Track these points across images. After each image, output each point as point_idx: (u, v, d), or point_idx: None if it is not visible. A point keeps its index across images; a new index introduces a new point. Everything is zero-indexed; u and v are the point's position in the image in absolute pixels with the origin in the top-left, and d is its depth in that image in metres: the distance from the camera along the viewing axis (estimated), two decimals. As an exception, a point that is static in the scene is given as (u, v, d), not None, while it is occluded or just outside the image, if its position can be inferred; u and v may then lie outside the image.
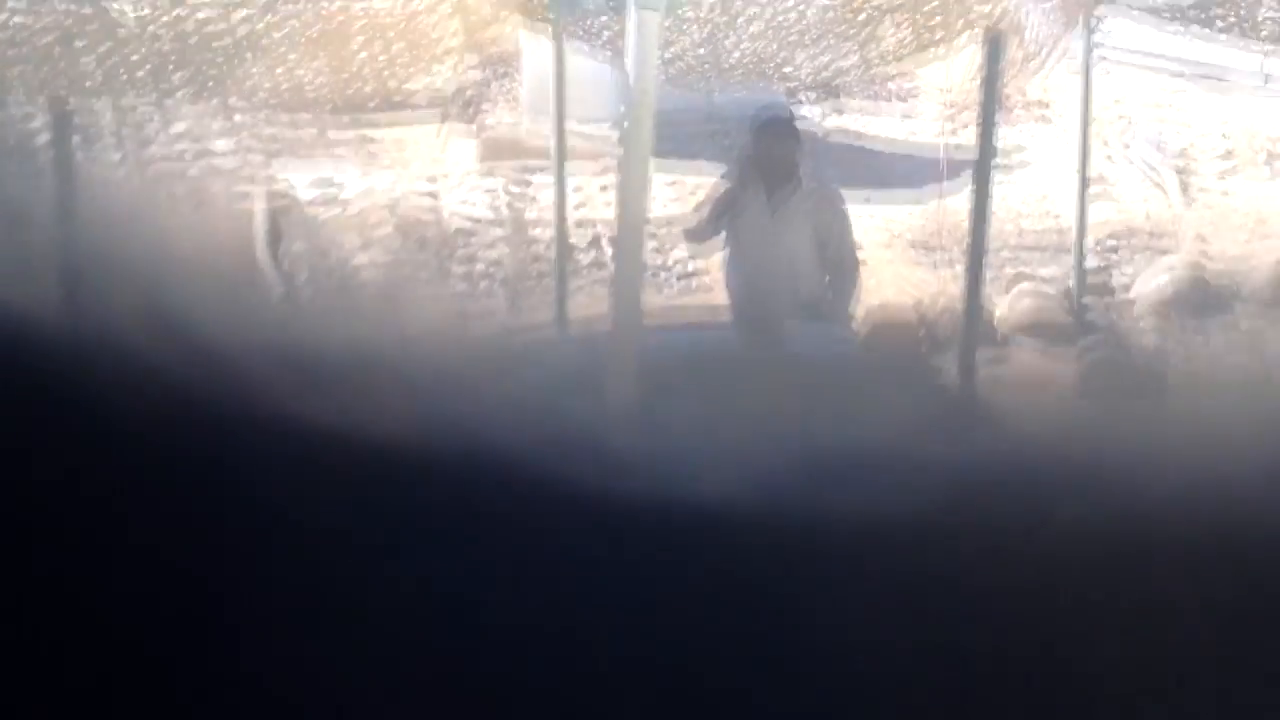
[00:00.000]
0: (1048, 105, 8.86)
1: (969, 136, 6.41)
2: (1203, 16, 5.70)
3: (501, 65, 8.80)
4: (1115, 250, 7.54)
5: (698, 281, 7.30)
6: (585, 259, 7.13)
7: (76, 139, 5.57)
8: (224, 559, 0.94)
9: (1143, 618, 0.94)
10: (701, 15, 5.09)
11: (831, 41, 5.25)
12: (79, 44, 3.85)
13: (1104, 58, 8.21)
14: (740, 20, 5.09)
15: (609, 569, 0.95)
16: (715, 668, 0.95)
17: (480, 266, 7.37)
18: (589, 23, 5.30)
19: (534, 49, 7.54)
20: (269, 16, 4.02)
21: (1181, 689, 0.94)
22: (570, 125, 6.66)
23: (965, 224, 6.06)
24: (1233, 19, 5.65)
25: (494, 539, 0.97)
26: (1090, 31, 6.64)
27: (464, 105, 8.38)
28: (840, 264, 5.63)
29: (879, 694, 0.94)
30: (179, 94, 4.23)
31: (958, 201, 6.87)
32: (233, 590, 0.93)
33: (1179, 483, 0.98)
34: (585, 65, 6.42)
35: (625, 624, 0.94)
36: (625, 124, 4.55)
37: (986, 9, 5.25)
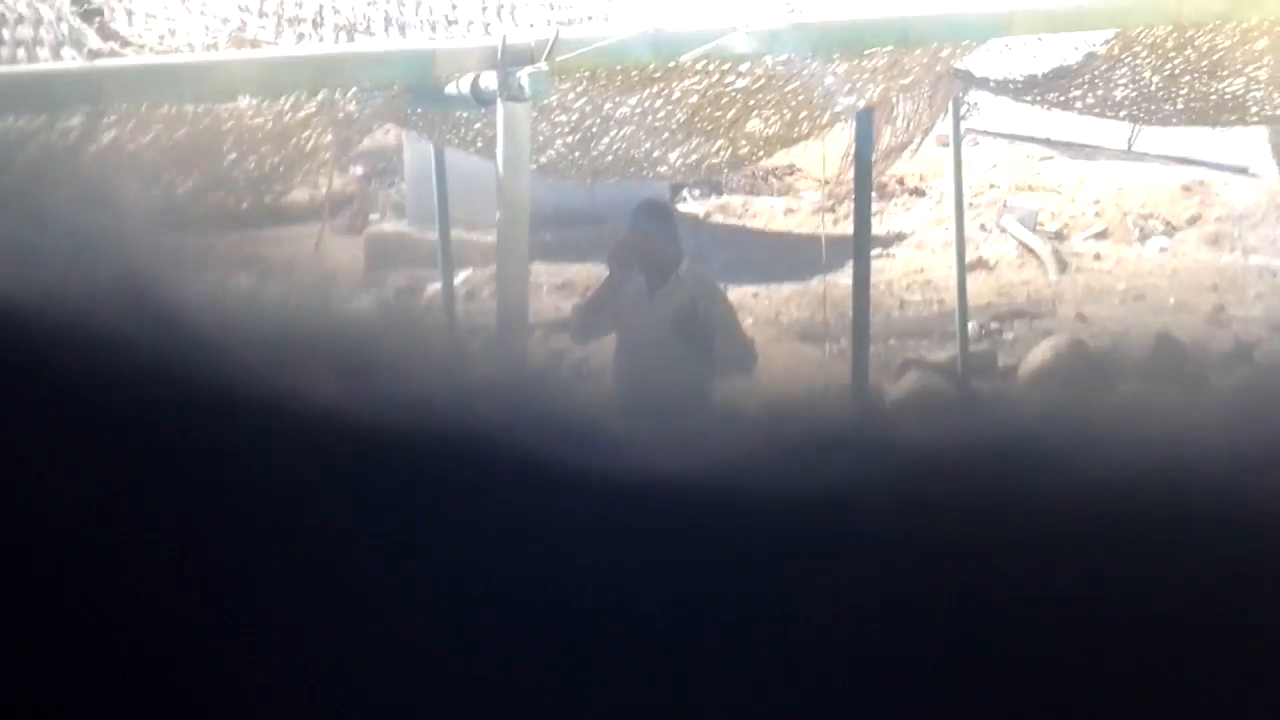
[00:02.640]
0: (924, 188, 9.09)
1: (850, 223, 6.56)
2: (1061, 99, 5.90)
3: (385, 171, 8.89)
4: (999, 325, 7.72)
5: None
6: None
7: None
8: (210, 543, 0.97)
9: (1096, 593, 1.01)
10: (571, 113, 5.19)
11: (700, 139, 5.38)
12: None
13: (975, 140, 8.44)
14: (611, 119, 5.21)
15: (594, 547, 1.00)
16: (701, 638, 1.00)
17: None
18: (462, 121, 5.39)
19: (415, 153, 7.65)
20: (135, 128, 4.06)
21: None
22: (456, 228, 6.74)
23: (848, 305, 6.20)
24: (1091, 98, 5.85)
25: (484, 520, 1.00)
26: (959, 116, 6.83)
27: (351, 212, 8.45)
28: (734, 353, 5.69)
29: (861, 663, 1.00)
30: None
31: (843, 284, 7.01)
32: (222, 571, 0.96)
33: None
34: (468, 167, 6.51)
35: (614, 600, 0.99)
36: (499, 218, 4.62)
37: (851, 100, 5.42)
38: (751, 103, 5.17)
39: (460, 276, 6.97)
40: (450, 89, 4.57)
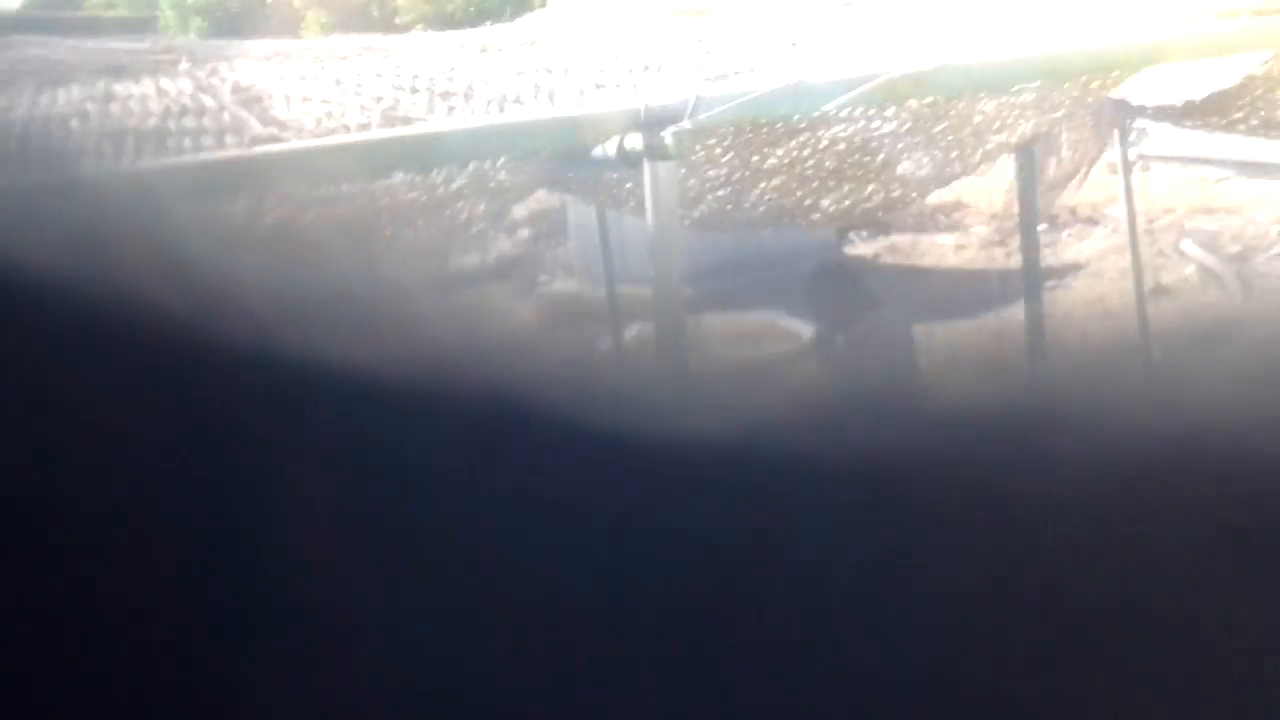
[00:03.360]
0: (1097, 216, 8.93)
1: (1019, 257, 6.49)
2: (1223, 122, 5.77)
3: (552, 232, 9.05)
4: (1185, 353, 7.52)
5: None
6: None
7: None
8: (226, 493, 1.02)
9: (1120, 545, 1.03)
10: (720, 168, 5.25)
11: (852, 184, 5.40)
12: None
13: (1147, 165, 8.27)
14: (760, 170, 5.26)
15: (623, 503, 1.03)
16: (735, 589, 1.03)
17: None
18: (614, 182, 5.48)
19: (579, 214, 7.79)
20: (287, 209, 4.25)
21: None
22: (624, 284, 6.85)
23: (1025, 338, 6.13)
24: (1255, 120, 5.71)
25: (509, 474, 1.04)
26: (1126, 142, 6.73)
27: (520, 274, 8.63)
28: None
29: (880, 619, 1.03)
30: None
31: (1019, 319, 6.91)
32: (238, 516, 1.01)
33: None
34: (633, 224, 6.61)
35: (641, 557, 1.02)
36: (654, 274, 4.68)
37: (1003, 137, 5.38)
38: (900, 146, 5.18)
39: (631, 331, 7.08)
40: (597, 152, 4.66)
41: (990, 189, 6.65)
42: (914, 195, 5.81)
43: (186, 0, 20.16)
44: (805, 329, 5.74)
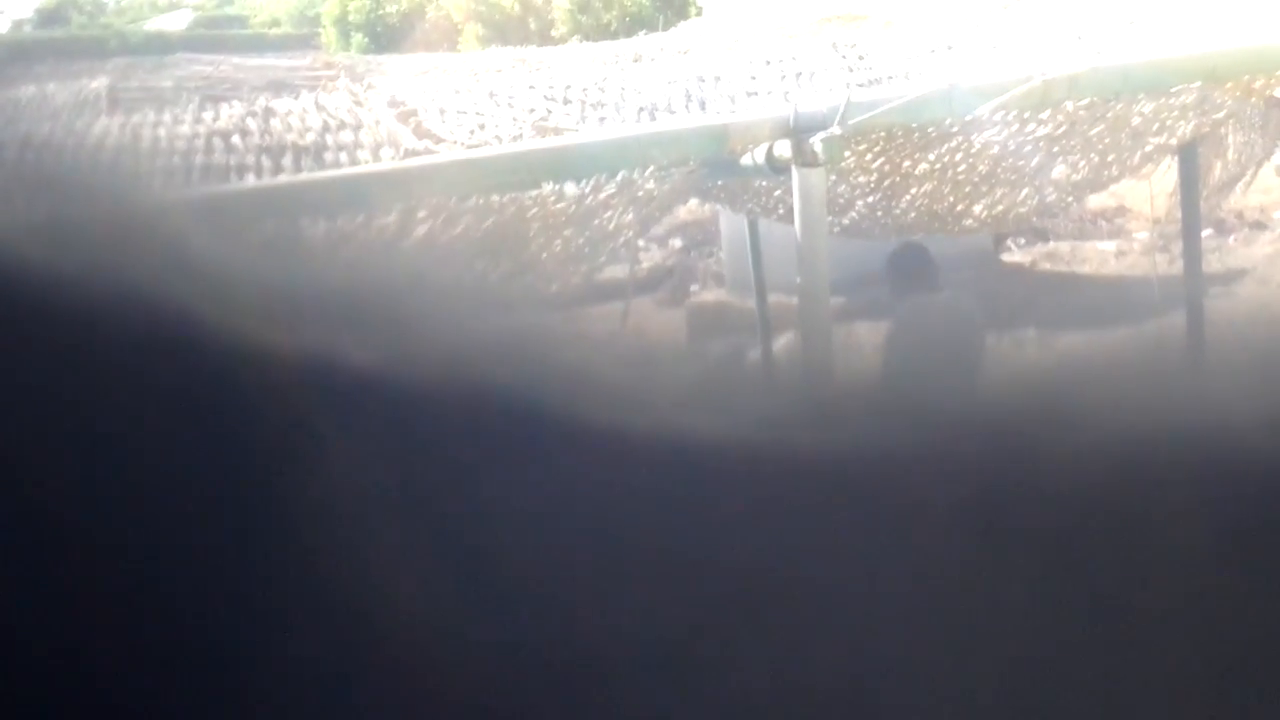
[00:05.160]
0: (1265, 220, 8.67)
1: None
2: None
3: (704, 242, 9.03)
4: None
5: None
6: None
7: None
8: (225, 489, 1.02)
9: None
10: (870, 174, 5.19)
11: (1005, 189, 5.31)
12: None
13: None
14: (911, 176, 5.19)
15: (625, 500, 1.03)
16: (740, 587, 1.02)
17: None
18: (763, 190, 5.46)
19: (731, 224, 7.76)
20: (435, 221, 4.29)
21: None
22: (774, 294, 6.81)
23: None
24: None
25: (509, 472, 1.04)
26: (1294, 142, 6.53)
27: (672, 283, 8.63)
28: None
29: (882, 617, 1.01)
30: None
31: (1180, 328, 6.77)
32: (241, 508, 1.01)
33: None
34: (784, 234, 6.59)
35: (644, 554, 1.02)
36: (800, 283, 4.63)
37: (1162, 139, 5.25)
38: (1055, 149, 5.07)
39: (779, 342, 7.04)
40: (745, 160, 4.63)
41: (1153, 193, 6.49)
42: (1070, 200, 5.69)
43: (348, 17, 20.55)
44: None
